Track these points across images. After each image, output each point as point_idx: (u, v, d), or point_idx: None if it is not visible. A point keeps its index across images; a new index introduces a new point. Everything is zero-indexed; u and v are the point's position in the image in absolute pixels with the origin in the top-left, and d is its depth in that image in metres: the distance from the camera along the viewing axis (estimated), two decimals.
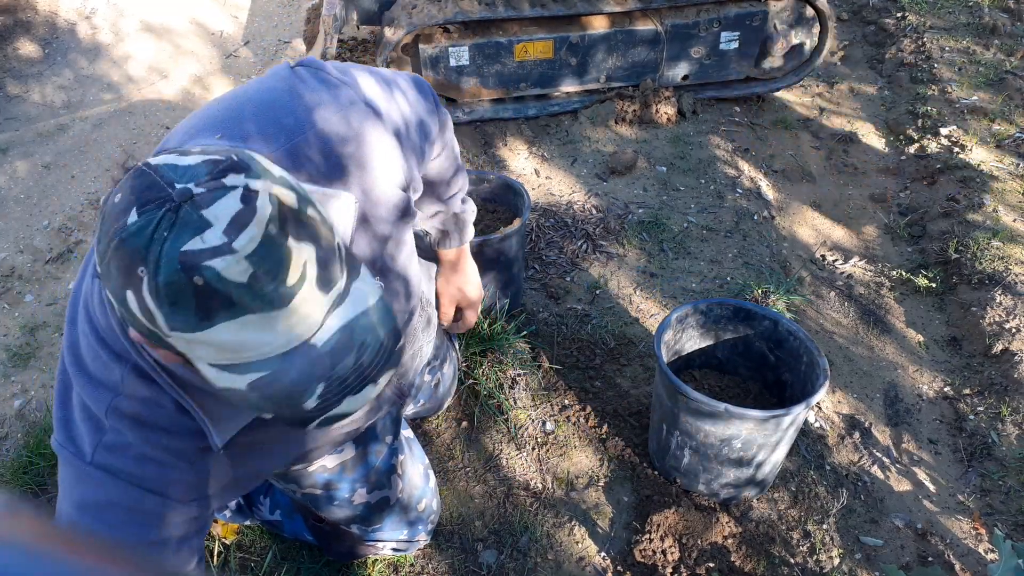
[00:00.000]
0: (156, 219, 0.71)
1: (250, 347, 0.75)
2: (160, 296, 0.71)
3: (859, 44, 4.28)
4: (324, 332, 0.78)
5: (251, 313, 0.72)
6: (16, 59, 4.07)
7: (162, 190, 0.72)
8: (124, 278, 0.72)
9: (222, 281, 0.70)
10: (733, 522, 1.82)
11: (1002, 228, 2.81)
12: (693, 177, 3.15)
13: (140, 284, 0.71)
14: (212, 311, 0.71)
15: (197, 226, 0.70)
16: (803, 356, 1.81)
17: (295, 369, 0.76)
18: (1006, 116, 3.50)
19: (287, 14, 4.87)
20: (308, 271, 0.75)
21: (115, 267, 0.72)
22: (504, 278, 2.19)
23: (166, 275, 0.70)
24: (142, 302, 0.72)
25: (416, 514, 1.62)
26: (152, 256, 0.70)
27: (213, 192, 0.72)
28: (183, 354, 0.77)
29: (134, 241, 0.71)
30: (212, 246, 0.70)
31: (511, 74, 3.24)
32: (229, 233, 0.71)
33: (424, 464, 1.67)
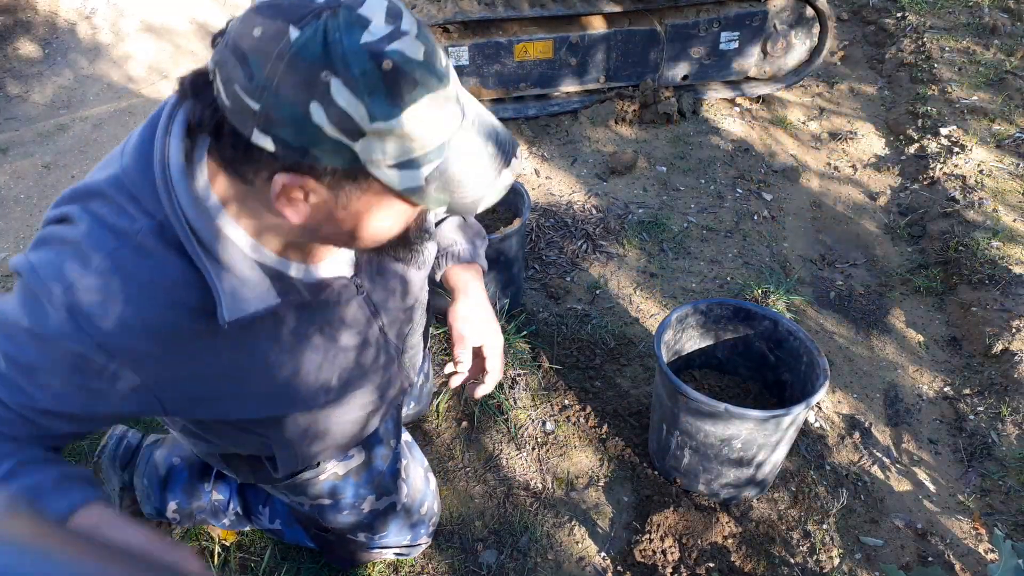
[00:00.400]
0: (322, 27, 0.74)
1: (432, 129, 0.80)
2: (358, 88, 0.74)
3: (859, 44, 4.28)
4: (469, 114, 0.86)
5: (429, 92, 0.78)
6: (16, 59, 4.07)
7: (308, 6, 0.75)
8: (305, 92, 0.74)
9: (407, 61, 0.76)
10: (733, 522, 1.82)
11: (1002, 228, 2.81)
12: (693, 177, 3.15)
13: (327, 88, 0.74)
14: (401, 94, 0.76)
15: (361, 23, 0.75)
16: (803, 356, 1.81)
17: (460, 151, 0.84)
18: (1006, 116, 3.50)
19: None
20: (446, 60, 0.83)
21: (289, 87, 0.74)
22: (504, 278, 2.19)
23: (359, 65, 0.74)
24: (333, 106, 0.74)
25: (418, 517, 1.62)
26: (336, 56, 0.73)
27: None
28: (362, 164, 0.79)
29: (309, 51, 0.73)
30: (385, 34, 0.75)
31: (511, 74, 3.24)
32: (391, 22, 0.76)
33: (424, 467, 1.67)
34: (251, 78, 0.75)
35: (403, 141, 0.78)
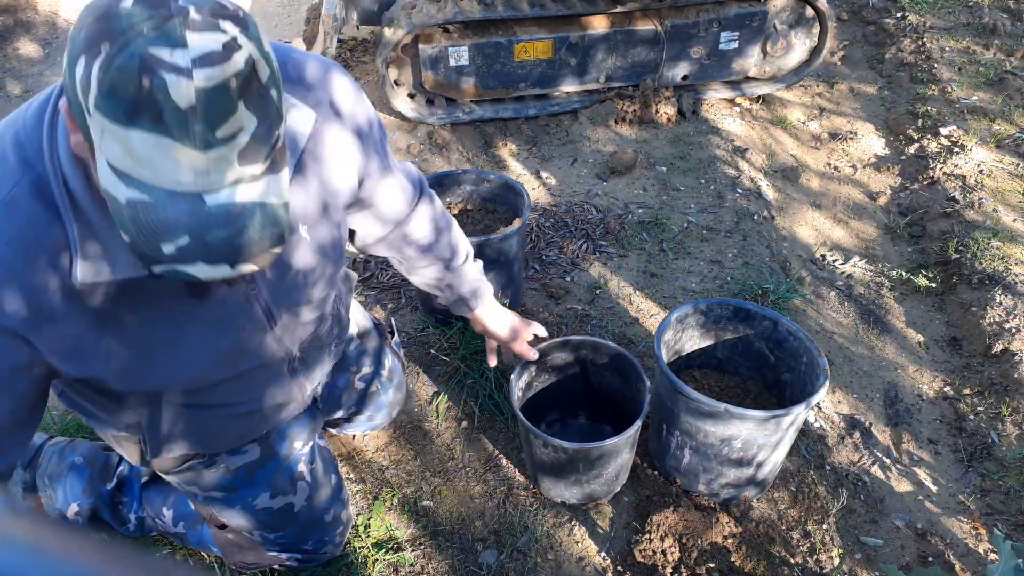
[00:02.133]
0: (145, 15, 0.74)
1: (152, 167, 0.77)
2: (106, 75, 0.73)
3: (859, 44, 4.28)
4: (218, 196, 0.80)
5: (169, 139, 0.75)
6: (16, 59, 4.07)
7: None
8: (86, 45, 0.75)
9: (165, 96, 0.73)
10: (733, 522, 1.82)
11: (1002, 228, 2.81)
12: (693, 177, 3.15)
13: (96, 57, 0.74)
14: (139, 116, 0.74)
15: (174, 41, 0.73)
16: (803, 356, 1.81)
17: (175, 211, 0.79)
18: (1006, 116, 3.50)
19: (287, 14, 4.87)
20: (240, 138, 0.78)
21: (85, 33, 0.75)
22: (504, 278, 2.19)
23: (123, 60, 0.72)
24: (88, 72, 0.74)
25: (323, 525, 1.58)
26: (122, 40, 0.73)
27: (207, 24, 0.75)
28: (92, 141, 0.79)
29: (115, 23, 0.74)
30: (175, 64, 0.73)
31: (511, 74, 3.24)
32: (196, 62, 0.73)
33: (335, 475, 1.62)
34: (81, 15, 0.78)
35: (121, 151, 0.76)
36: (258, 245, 0.83)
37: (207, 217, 0.79)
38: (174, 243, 0.79)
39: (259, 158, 0.81)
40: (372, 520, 1.84)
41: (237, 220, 0.81)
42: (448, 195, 2.39)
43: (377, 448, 2.02)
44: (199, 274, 0.82)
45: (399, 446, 2.02)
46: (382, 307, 2.45)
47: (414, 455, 2.00)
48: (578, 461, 1.69)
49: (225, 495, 1.44)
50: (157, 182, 0.78)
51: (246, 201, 0.81)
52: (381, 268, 2.62)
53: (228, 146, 0.77)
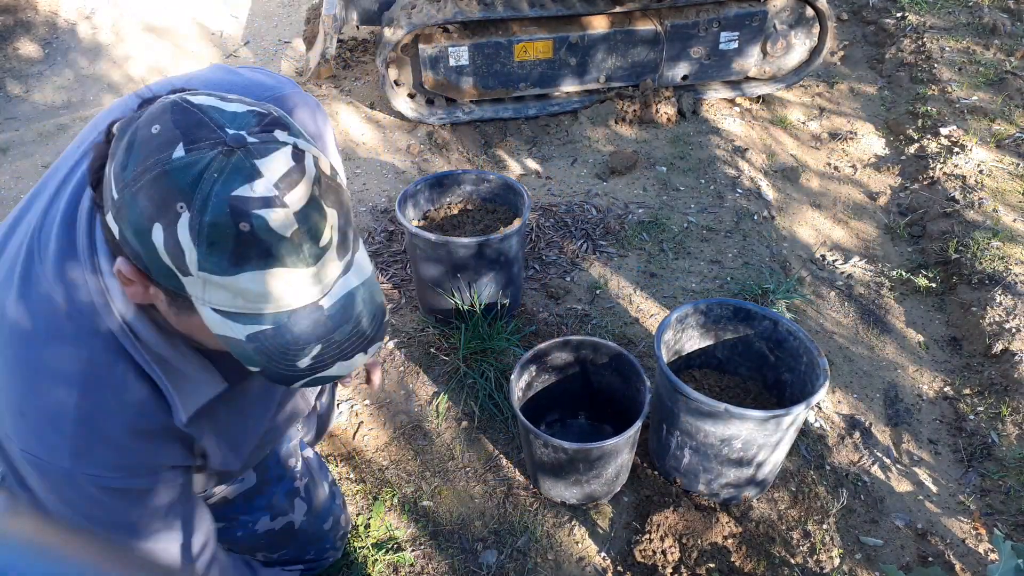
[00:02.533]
0: (207, 159, 0.71)
1: (268, 299, 0.75)
2: (201, 235, 0.70)
3: (859, 44, 4.28)
4: (331, 297, 0.80)
5: (282, 267, 0.74)
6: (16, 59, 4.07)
7: (213, 132, 0.72)
8: (156, 211, 0.71)
9: (267, 231, 0.71)
10: (733, 522, 1.82)
11: (1002, 228, 2.81)
12: (693, 177, 3.15)
13: (176, 220, 0.71)
14: (247, 258, 0.72)
15: (249, 174, 0.71)
16: (803, 356, 1.81)
17: (298, 327, 0.78)
18: (1006, 116, 3.50)
19: (287, 14, 4.87)
20: (333, 236, 0.78)
21: (146, 198, 0.71)
22: (504, 278, 2.20)
23: (213, 215, 0.70)
24: (172, 238, 0.71)
25: (323, 534, 1.59)
26: (200, 194, 0.70)
27: (267, 144, 0.73)
28: (188, 296, 0.76)
29: (180, 177, 0.70)
30: (263, 196, 0.71)
31: (511, 74, 3.24)
32: (280, 187, 0.72)
33: (328, 482, 1.63)
34: (124, 168, 0.73)
35: (229, 296, 0.75)
36: (376, 321, 0.84)
37: (328, 320, 0.79)
38: (308, 356, 0.79)
39: (348, 245, 0.81)
40: (372, 520, 1.84)
41: (353, 309, 0.81)
42: (448, 195, 2.39)
43: (377, 448, 2.02)
44: (340, 372, 0.82)
45: (399, 446, 2.03)
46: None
47: (414, 455, 2.00)
48: (578, 461, 1.69)
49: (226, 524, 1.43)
50: (276, 309, 0.76)
51: (351, 290, 0.82)
52: (381, 269, 2.62)
53: (329, 249, 0.77)
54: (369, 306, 0.83)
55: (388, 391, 2.17)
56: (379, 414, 2.11)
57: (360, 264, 0.84)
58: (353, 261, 0.83)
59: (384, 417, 2.10)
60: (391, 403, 2.13)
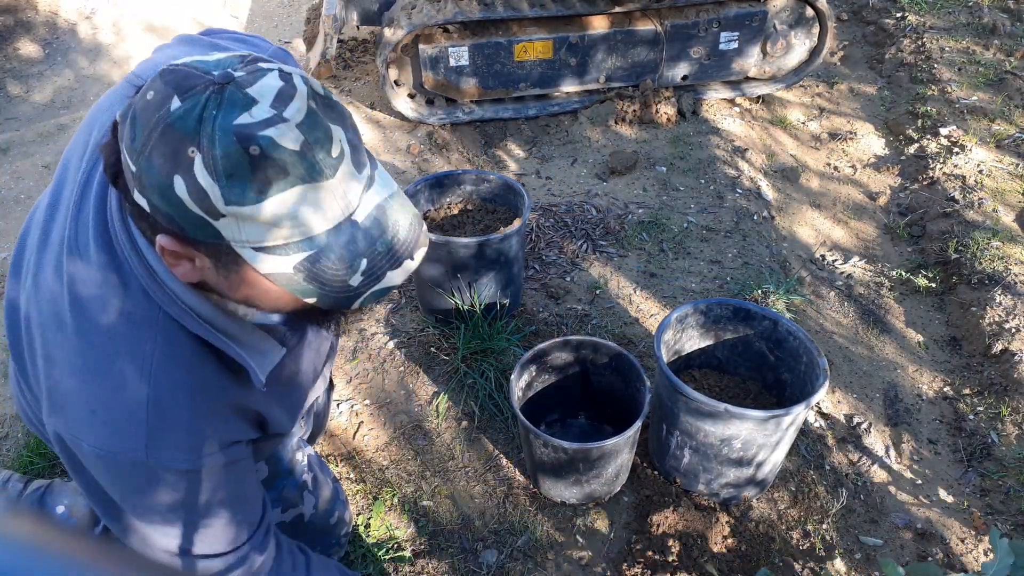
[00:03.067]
0: (202, 101, 0.73)
1: (300, 220, 0.76)
2: (217, 169, 0.72)
3: (859, 44, 4.28)
4: (362, 209, 0.81)
5: (302, 183, 0.75)
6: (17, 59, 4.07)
7: (200, 78, 0.75)
8: (171, 164, 0.73)
9: (277, 148, 0.73)
10: (733, 522, 1.82)
11: (1002, 228, 2.81)
12: (693, 177, 3.15)
13: (191, 164, 0.73)
14: (267, 181, 0.74)
15: (244, 103, 0.73)
16: (803, 356, 1.81)
17: (339, 246, 0.79)
18: (1006, 116, 3.50)
19: (287, 14, 4.88)
20: (344, 148, 0.79)
21: (159, 156, 0.74)
22: (504, 278, 2.20)
23: (223, 147, 0.72)
24: (193, 183, 0.73)
25: (329, 529, 1.60)
26: (205, 133, 0.72)
27: (253, 73, 0.76)
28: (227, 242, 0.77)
29: (182, 124, 0.73)
30: (263, 118, 0.73)
31: (511, 74, 3.24)
32: (276, 106, 0.74)
33: (332, 478, 1.64)
34: (133, 139, 0.75)
35: (264, 227, 0.76)
36: (415, 229, 0.86)
37: (367, 232, 0.81)
38: (358, 272, 0.81)
39: (364, 160, 0.83)
40: (372, 520, 1.84)
41: (387, 219, 0.83)
42: (448, 195, 2.40)
43: (377, 448, 2.02)
44: (396, 280, 0.85)
45: (399, 446, 2.03)
46: (383, 306, 2.46)
47: (414, 455, 2.00)
48: (578, 461, 1.69)
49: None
50: (312, 231, 0.78)
51: (380, 201, 0.83)
52: None
53: (344, 161, 0.79)
54: (403, 215, 0.85)
55: (388, 391, 2.17)
56: (379, 414, 2.11)
57: (384, 179, 0.86)
58: (375, 177, 0.85)
59: (384, 417, 2.10)
60: (391, 403, 2.13)
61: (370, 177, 0.84)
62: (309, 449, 1.60)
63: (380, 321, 2.39)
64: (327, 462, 1.96)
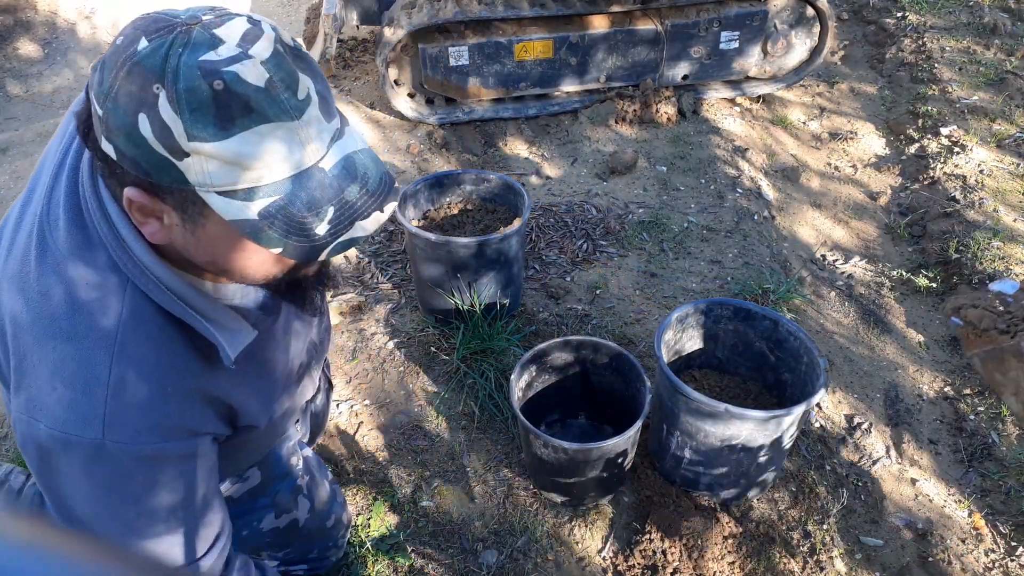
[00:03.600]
0: (168, 40, 0.73)
1: (265, 162, 0.75)
2: (180, 103, 0.72)
3: (859, 44, 4.28)
4: (330, 158, 0.81)
5: (267, 122, 0.74)
6: (16, 59, 4.07)
7: (168, 21, 0.75)
8: (136, 103, 0.73)
9: (241, 83, 0.73)
10: (733, 522, 1.82)
11: (1002, 228, 2.81)
12: (693, 177, 3.15)
13: (156, 101, 0.72)
14: (232, 118, 0.73)
15: (211, 43, 0.74)
16: (803, 356, 1.81)
17: (305, 192, 0.78)
18: (1006, 116, 3.50)
19: (287, 14, 4.88)
20: (312, 96, 0.78)
21: (125, 95, 0.73)
22: (504, 278, 2.19)
23: (186, 81, 0.72)
24: (157, 119, 0.73)
25: (326, 532, 1.59)
26: (170, 69, 0.72)
27: (221, 17, 0.76)
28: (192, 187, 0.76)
29: (148, 62, 0.73)
30: (229, 56, 0.73)
31: (511, 74, 3.24)
32: (242, 45, 0.74)
33: (329, 479, 1.62)
34: (100, 83, 0.75)
35: (229, 168, 0.75)
36: (385, 183, 0.85)
37: (334, 180, 0.80)
38: (324, 220, 0.80)
39: (333, 112, 0.82)
40: (372, 520, 1.83)
41: (357, 169, 0.83)
42: (448, 195, 2.39)
43: (377, 448, 2.02)
44: (364, 231, 0.83)
45: (399, 446, 2.02)
46: (383, 306, 2.45)
47: (414, 455, 2.00)
48: (578, 461, 1.69)
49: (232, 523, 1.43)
50: (277, 175, 0.77)
51: (350, 152, 0.83)
52: (381, 269, 2.62)
53: (311, 106, 0.78)
54: (374, 167, 0.84)
55: (388, 391, 2.17)
56: (379, 414, 2.10)
57: (354, 135, 0.85)
58: (344, 131, 0.84)
59: (384, 417, 2.10)
60: (391, 403, 2.13)
61: (339, 129, 0.83)
62: (307, 451, 1.59)
63: (380, 321, 2.39)
64: (327, 462, 1.96)
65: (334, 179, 0.80)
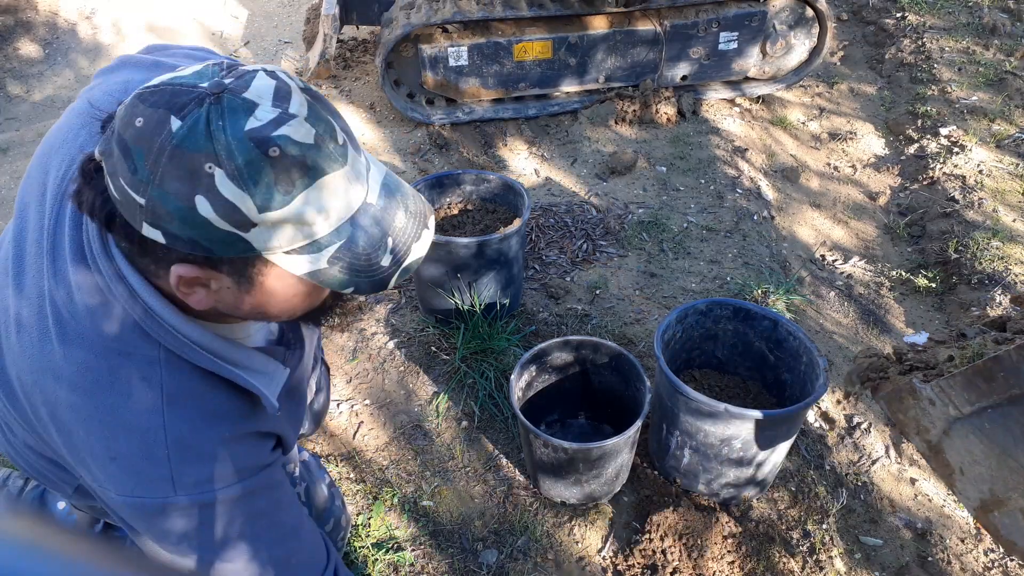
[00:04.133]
0: (204, 115, 0.71)
1: (326, 212, 0.77)
2: (243, 179, 0.71)
3: (859, 44, 4.28)
4: (373, 192, 0.83)
5: (324, 175, 0.75)
6: (17, 59, 4.07)
7: (189, 92, 0.73)
8: (189, 186, 0.71)
9: (295, 145, 0.73)
10: (733, 522, 1.82)
11: (1002, 228, 2.81)
12: (693, 177, 3.15)
13: (212, 181, 0.71)
14: (293, 181, 0.73)
15: (246, 108, 0.72)
16: (803, 356, 1.81)
17: (364, 230, 0.81)
18: (1006, 116, 3.50)
19: (287, 14, 4.88)
20: (343, 136, 0.80)
21: (173, 180, 0.71)
22: (504, 278, 2.20)
23: (243, 155, 0.71)
24: (219, 199, 0.71)
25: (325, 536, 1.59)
26: (220, 145, 0.70)
27: (242, 77, 0.75)
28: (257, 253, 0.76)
29: (191, 142, 0.70)
30: (271, 119, 0.72)
31: (510, 74, 3.24)
32: (279, 104, 0.74)
33: (327, 483, 1.62)
34: (135, 171, 0.72)
35: (298, 228, 0.76)
36: (418, 198, 0.89)
37: (384, 212, 0.84)
38: (387, 251, 0.83)
39: (358, 145, 0.84)
40: (372, 520, 1.84)
41: (396, 195, 0.86)
42: (448, 195, 2.40)
43: (377, 448, 2.02)
44: (421, 252, 0.87)
45: (399, 446, 2.03)
46: (383, 306, 2.46)
47: (414, 455, 2.00)
48: (578, 461, 1.69)
49: None
50: (337, 222, 0.78)
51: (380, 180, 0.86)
52: None
53: (348, 148, 0.80)
54: (403, 188, 0.88)
55: (388, 391, 2.17)
56: (379, 414, 2.11)
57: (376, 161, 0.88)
58: (368, 159, 0.87)
59: (384, 417, 2.10)
60: (391, 403, 2.13)
61: (368, 159, 0.86)
62: (304, 454, 1.59)
63: (380, 321, 2.39)
64: (327, 462, 1.96)
65: (381, 211, 0.83)
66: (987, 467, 1.85)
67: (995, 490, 1.82)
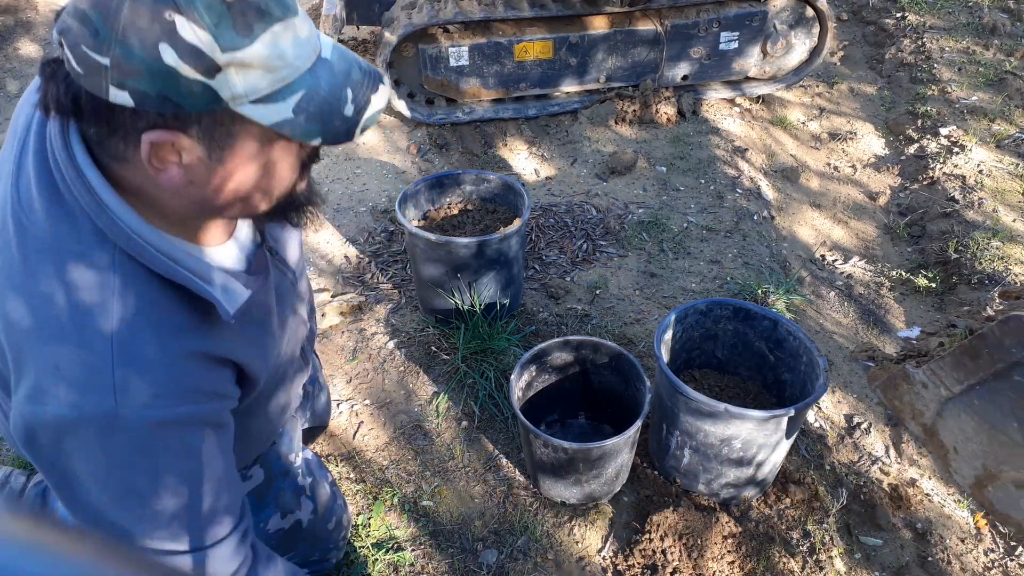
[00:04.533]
0: None
1: (286, 60, 0.80)
2: (203, 20, 0.73)
3: (859, 44, 4.28)
4: (325, 48, 0.87)
5: (278, 21, 0.78)
6: (16, 59, 4.07)
7: None
8: (152, 34, 0.73)
9: None
10: (733, 522, 1.82)
11: (1002, 228, 2.81)
12: (693, 177, 3.15)
13: (173, 27, 0.73)
14: (249, 24, 0.76)
15: None
16: (803, 356, 1.81)
17: (324, 80, 0.84)
18: (1006, 116, 3.50)
19: None
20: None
21: (135, 31, 0.72)
22: (504, 278, 2.20)
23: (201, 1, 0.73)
24: (182, 44, 0.73)
25: (327, 534, 1.58)
26: None
27: None
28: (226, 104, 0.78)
29: None
30: None
31: (511, 74, 3.24)
32: None
33: (329, 481, 1.61)
34: (96, 34, 0.73)
35: (262, 72, 0.78)
36: (367, 63, 0.93)
37: (339, 66, 0.87)
38: (348, 101, 0.86)
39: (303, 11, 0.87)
40: (372, 520, 1.84)
41: (347, 54, 0.90)
42: (448, 195, 2.40)
43: (377, 448, 2.02)
44: (380, 104, 0.90)
45: (399, 446, 2.03)
46: (383, 306, 2.46)
47: (414, 455, 2.00)
48: (578, 461, 1.69)
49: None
50: (297, 70, 0.82)
51: (331, 43, 0.89)
52: (381, 268, 2.62)
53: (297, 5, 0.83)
54: (352, 53, 0.92)
55: (388, 391, 2.17)
56: (379, 414, 2.11)
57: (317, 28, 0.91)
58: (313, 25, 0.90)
59: (384, 417, 2.10)
60: (391, 403, 2.14)
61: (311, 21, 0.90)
62: (307, 452, 1.59)
63: (380, 321, 2.39)
64: (327, 462, 1.96)
65: (338, 64, 0.87)
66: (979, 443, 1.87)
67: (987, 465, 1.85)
